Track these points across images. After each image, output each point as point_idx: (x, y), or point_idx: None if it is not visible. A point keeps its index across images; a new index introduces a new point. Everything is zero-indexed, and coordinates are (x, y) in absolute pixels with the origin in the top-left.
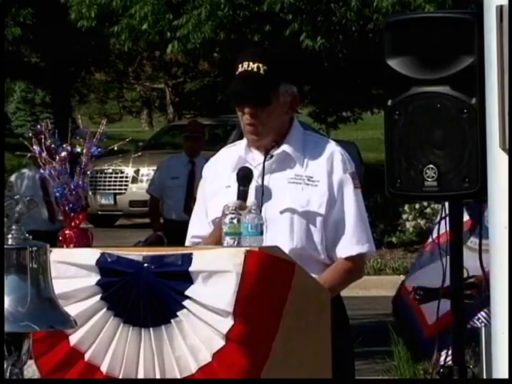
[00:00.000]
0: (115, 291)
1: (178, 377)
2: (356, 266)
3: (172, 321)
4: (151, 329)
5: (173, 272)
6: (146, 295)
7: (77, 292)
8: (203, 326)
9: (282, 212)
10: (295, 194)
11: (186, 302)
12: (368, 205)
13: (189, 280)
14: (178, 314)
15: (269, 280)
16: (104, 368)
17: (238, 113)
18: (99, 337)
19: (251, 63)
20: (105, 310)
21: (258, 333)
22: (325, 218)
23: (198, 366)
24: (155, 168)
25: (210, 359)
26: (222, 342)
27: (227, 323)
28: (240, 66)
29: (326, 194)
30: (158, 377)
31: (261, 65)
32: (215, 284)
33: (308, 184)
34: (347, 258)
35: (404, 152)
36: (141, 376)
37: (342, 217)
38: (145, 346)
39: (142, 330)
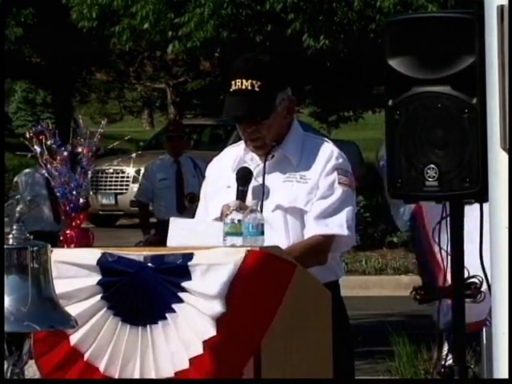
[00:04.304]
0: (116, 290)
1: (172, 371)
2: (320, 246)
3: (168, 316)
4: (148, 326)
5: (172, 267)
6: (144, 292)
7: (78, 292)
8: (196, 314)
9: (273, 210)
10: (285, 191)
11: (182, 294)
12: (369, 204)
13: (187, 274)
14: (173, 306)
15: (267, 276)
16: (102, 367)
17: (237, 125)
18: (99, 336)
19: (244, 81)
20: (105, 309)
21: (248, 324)
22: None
23: (189, 357)
24: None
25: (202, 351)
26: (213, 332)
27: (219, 309)
28: (233, 83)
29: (314, 191)
30: (153, 373)
31: (254, 81)
32: (212, 274)
33: (299, 182)
34: (313, 236)
35: (405, 152)
36: (137, 374)
37: (319, 202)
38: (142, 344)
39: (140, 328)
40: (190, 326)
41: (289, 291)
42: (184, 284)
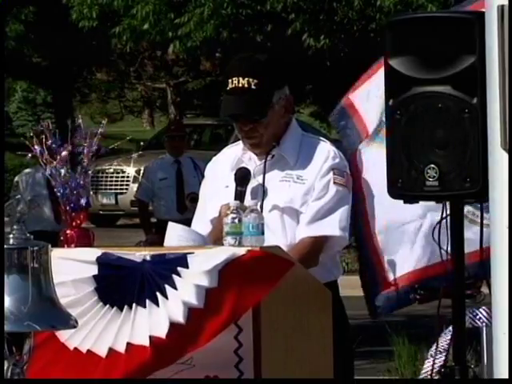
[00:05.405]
0: (109, 283)
1: (148, 336)
2: (310, 249)
3: (158, 296)
4: (134, 307)
5: (171, 258)
6: (138, 280)
7: (72, 283)
8: (187, 288)
9: (270, 210)
10: (282, 191)
11: (176, 278)
12: None
13: (185, 263)
14: (166, 289)
15: (261, 266)
16: (75, 344)
17: (234, 124)
18: (81, 322)
19: (241, 79)
20: (95, 299)
21: (230, 303)
22: None
23: (169, 322)
24: None
25: (183, 321)
26: (200, 303)
27: (210, 282)
28: (230, 81)
29: (310, 193)
30: (126, 340)
31: (251, 80)
32: (209, 261)
33: (296, 182)
34: (303, 238)
35: (405, 152)
36: (110, 343)
37: (313, 203)
38: (122, 321)
39: (125, 308)
40: (179, 298)
41: (284, 285)
42: (180, 269)
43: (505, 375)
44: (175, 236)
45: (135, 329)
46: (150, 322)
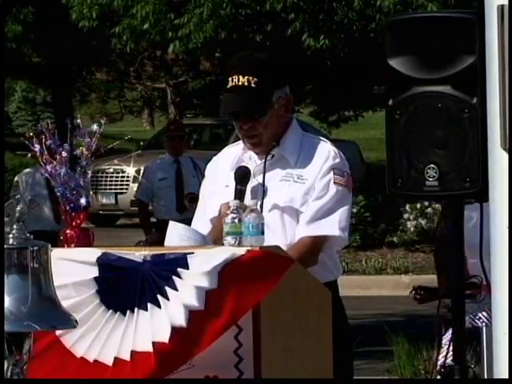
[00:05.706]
0: (110, 285)
1: (151, 342)
2: (308, 249)
3: (160, 299)
4: (136, 311)
5: (171, 259)
6: (139, 282)
7: (73, 285)
8: (188, 290)
9: (270, 210)
10: (282, 190)
11: (176, 280)
12: (369, 204)
13: (185, 264)
14: (167, 291)
15: (261, 265)
16: (81, 352)
17: (234, 123)
18: (85, 326)
19: (241, 77)
20: (97, 301)
21: (231, 303)
22: None
23: (171, 326)
24: None
25: (185, 324)
26: (200, 305)
27: (210, 284)
28: (230, 79)
29: (310, 192)
30: (130, 347)
31: (251, 77)
32: (209, 261)
33: (296, 182)
34: (302, 238)
35: (405, 152)
36: (114, 352)
37: (313, 203)
38: (126, 327)
39: (128, 313)
40: (180, 301)
41: (284, 285)
42: (180, 270)
43: (505, 375)
44: (176, 235)
45: (138, 334)
46: (152, 327)
